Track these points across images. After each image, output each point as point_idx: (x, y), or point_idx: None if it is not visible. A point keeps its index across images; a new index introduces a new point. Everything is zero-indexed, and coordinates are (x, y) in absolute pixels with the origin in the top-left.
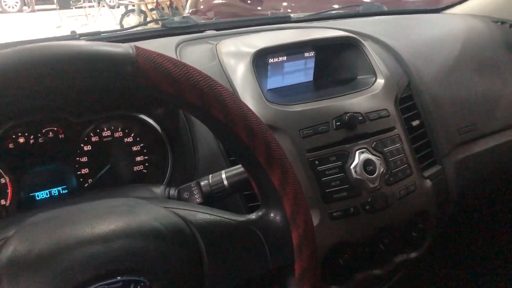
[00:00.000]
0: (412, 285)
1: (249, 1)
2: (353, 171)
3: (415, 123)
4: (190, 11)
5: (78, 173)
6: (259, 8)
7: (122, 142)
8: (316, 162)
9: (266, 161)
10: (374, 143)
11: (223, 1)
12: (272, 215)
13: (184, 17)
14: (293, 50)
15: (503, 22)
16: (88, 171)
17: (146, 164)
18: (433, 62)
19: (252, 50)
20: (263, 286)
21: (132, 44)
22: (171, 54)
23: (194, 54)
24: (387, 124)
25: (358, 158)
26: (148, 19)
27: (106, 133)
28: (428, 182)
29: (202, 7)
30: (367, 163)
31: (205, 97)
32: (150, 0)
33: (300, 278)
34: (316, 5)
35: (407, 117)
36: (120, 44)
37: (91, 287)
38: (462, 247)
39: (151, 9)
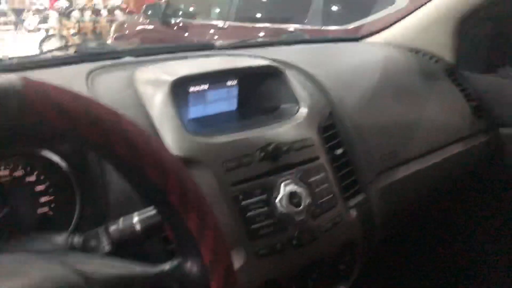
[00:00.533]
0: None
1: (175, 28)
2: (278, 205)
3: (339, 151)
4: (114, 36)
5: None
6: (185, 34)
7: (23, 182)
8: (241, 196)
9: (180, 203)
10: (299, 173)
11: (148, 27)
12: (189, 264)
13: (100, 42)
14: (215, 78)
15: (417, 51)
16: None
17: (52, 206)
18: (354, 90)
19: (171, 78)
20: None
21: (24, 74)
22: (81, 82)
23: (107, 83)
24: (311, 154)
25: (284, 190)
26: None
27: (3, 172)
28: (354, 212)
29: (127, 32)
30: (292, 195)
31: (108, 133)
32: (72, 24)
33: None
34: (243, 35)
35: (330, 146)
36: (3, 75)
37: None
38: (389, 275)
39: (73, 34)
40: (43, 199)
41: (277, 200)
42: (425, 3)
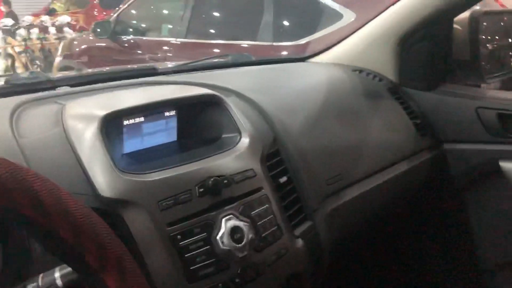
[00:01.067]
0: None
1: (126, 45)
2: (219, 242)
3: (283, 179)
4: (63, 54)
5: None
6: (137, 51)
7: None
8: (178, 236)
9: (97, 262)
10: (241, 207)
11: (99, 45)
12: None
13: (32, 72)
14: (151, 110)
15: (361, 71)
16: None
17: None
18: (298, 115)
19: (102, 113)
20: None
21: None
22: (5, 120)
23: (35, 119)
24: (254, 185)
25: (225, 226)
26: (16, 64)
27: None
28: (300, 242)
29: (76, 50)
30: (234, 230)
31: (11, 192)
32: (18, 42)
33: None
34: (195, 51)
35: (274, 174)
36: None
37: None
38: None
39: (19, 52)
40: None
41: (217, 237)
42: (368, 22)
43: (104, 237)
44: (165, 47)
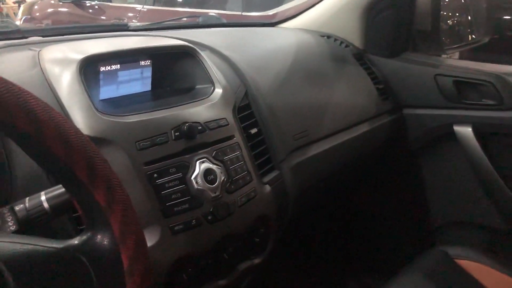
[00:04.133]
0: None
1: (90, 10)
2: (194, 182)
3: (253, 131)
4: (23, 18)
5: None
6: (102, 17)
7: None
8: (155, 175)
9: (88, 178)
10: (214, 152)
11: (61, 9)
12: (99, 238)
13: (3, 21)
14: (127, 58)
15: (329, 37)
16: None
17: None
18: (268, 73)
19: (80, 56)
20: None
21: None
22: None
23: (11, 62)
24: (227, 133)
25: (199, 168)
26: None
27: None
28: (268, 188)
29: (37, 14)
30: (207, 172)
31: (6, 106)
32: None
33: None
34: (162, 18)
35: (245, 126)
36: None
37: None
38: (302, 249)
39: None
40: None
41: (192, 178)
42: None
43: (94, 154)
44: (131, 14)
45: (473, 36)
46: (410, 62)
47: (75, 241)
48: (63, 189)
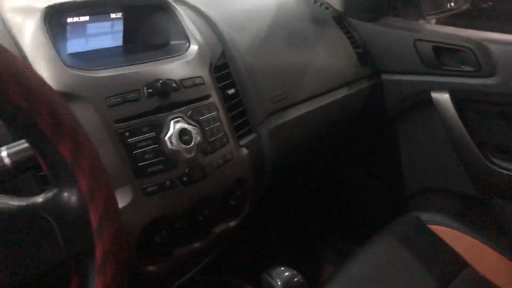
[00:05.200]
0: (233, 254)
1: None
2: (168, 142)
3: (231, 91)
4: None
5: None
6: None
7: None
8: (126, 133)
9: (51, 129)
10: (190, 111)
11: None
12: (65, 195)
13: None
14: (96, 9)
15: None
16: None
17: None
18: (247, 32)
19: (44, 4)
20: (60, 278)
21: None
22: None
23: None
24: (203, 92)
25: (173, 128)
26: None
27: None
28: (244, 150)
29: None
30: (182, 132)
31: None
32: None
33: (102, 263)
34: None
35: (222, 86)
36: None
37: None
38: (277, 215)
39: None
40: None
41: (166, 138)
42: None
43: (58, 104)
44: None
45: (452, 4)
46: (390, 27)
47: (39, 198)
48: (26, 145)
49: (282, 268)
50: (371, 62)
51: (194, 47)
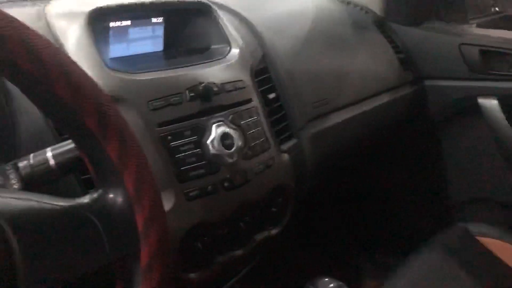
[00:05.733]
0: (273, 263)
1: None
2: (210, 146)
3: (271, 95)
4: None
5: None
6: None
7: None
8: (169, 137)
9: (98, 128)
10: (231, 115)
11: None
12: (111, 196)
13: None
14: (138, 13)
15: (348, 2)
16: None
17: None
18: (287, 36)
19: (88, 8)
20: (104, 282)
21: None
22: None
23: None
24: (244, 96)
25: (215, 131)
26: None
27: None
28: (286, 156)
29: None
30: (224, 137)
31: (8, 43)
32: None
33: (148, 268)
34: None
35: (263, 90)
36: None
37: None
38: (316, 224)
39: None
40: None
41: (208, 142)
42: None
43: (105, 102)
44: None
45: (497, 8)
46: (433, 31)
47: (85, 199)
48: (71, 146)
49: (327, 279)
50: (414, 67)
51: (235, 51)
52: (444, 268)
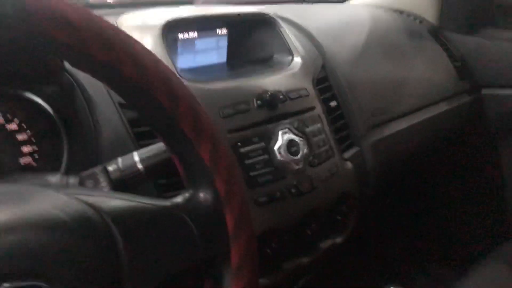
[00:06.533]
0: (338, 272)
1: None
2: (277, 153)
3: (333, 103)
4: None
5: None
6: None
7: (3, 130)
8: (239, 143)
9: (193, 132)
10: (296, 123)
11: None
12: (201, 196)
13: None
14: (204, 25)
15: (401, 12)
16: None
17: (36, 156)
18: (345, 46)
19: (162, 21)
20: (193, 281)
21: None
22: None
23: None
24: (308, 104)
25: (282, 138)
26: None
27: None
28: (349, 164)
29: None
30: (290, 144)
31: (115, 50)
32: None
33: (238, 267)
34: None
35: (324, 98)
36: None
37: None
38: (382, 230)
39: None
40: (26, 149)
41: (275, 148)
42: None
43: (198, 108)
44: None
45: None
46: (490, 39)
47: (178, 199)
48: (155, 150)
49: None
50: (470, 76)
51: (297, 60)
52: (509, 283)
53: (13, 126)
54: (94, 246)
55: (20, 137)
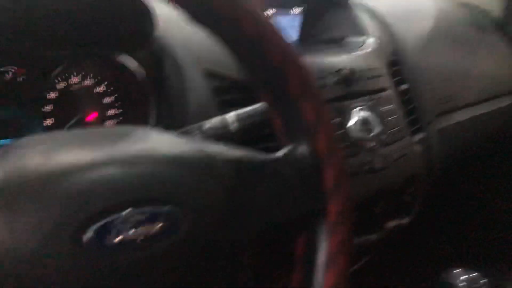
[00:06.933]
0: (401, 253)
1: None
2: (351, 129)
3: (403, 87)
4: None
5: (44, 123)
6: None
7: (92, 92)
8: None
9: (300, 89)
10: (370, 102)
11: None
12: (300, 152)
13: None
14: (282, 3)
15: (466, 4)
16: (54, 121)
17: (121, 119)
18: (416, 32)
19: None
20: (291, 233)
21: None
22: None
23: None
24: (381, 84)
25: (357, 115)
26: None
27: (75, 79)
28: (419, 147)
29: None
30: (364, 121)
31: (235, 4)
32: None
33: (336, 222)
34: None
35: (396, 81)
36: None
37: (109, 217)
38: (448, 215)
39: None
40: (110, 112)
41: (349, 125)
42: None
43: (306, 69)
44: None
45: None
46: None
47: (280, 153)
48: (249, 113)
49: (461, 270)
50: None
51: (371, 41)
52: None
53: (101, 89)
54: (215, 184)
55: (106, 100)
